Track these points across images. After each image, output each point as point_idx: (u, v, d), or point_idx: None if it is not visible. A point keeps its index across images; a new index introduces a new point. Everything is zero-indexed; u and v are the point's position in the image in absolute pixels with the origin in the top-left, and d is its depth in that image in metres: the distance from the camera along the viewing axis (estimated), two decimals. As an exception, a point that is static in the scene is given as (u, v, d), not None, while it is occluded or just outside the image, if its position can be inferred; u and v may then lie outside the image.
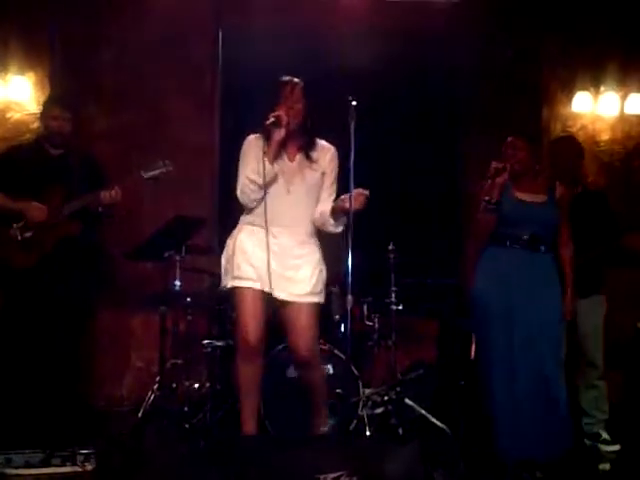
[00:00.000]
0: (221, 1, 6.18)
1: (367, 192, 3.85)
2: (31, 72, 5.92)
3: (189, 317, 5.22)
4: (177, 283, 5.11)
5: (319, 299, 4.10)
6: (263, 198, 4.02)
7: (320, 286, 4.09)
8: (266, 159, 3.97)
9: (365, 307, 5.23)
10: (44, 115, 4.87)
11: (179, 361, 5.19)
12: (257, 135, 4.16)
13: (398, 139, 6.12)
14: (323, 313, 4.32)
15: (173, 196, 5.70)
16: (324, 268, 4.14)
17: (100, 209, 4.70)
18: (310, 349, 4.06)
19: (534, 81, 6.16)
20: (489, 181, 4.27)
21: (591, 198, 4.86)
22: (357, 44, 5.87)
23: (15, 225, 4.64)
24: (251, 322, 4.02)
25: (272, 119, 3.94)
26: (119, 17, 5.99)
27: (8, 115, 5.91)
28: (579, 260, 4.53)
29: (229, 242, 4.18)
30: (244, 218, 4.17)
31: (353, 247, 3.94)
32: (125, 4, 5.99)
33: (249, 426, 4.15)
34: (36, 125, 5.07)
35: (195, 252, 5.33)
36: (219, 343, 5.12)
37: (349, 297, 3.74)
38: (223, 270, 4.16)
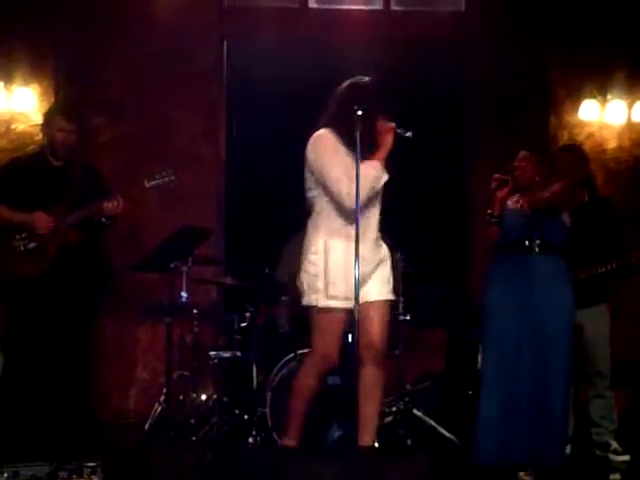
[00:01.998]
0: (226, 13, 6.21)
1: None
2: (35, 83, 5.93)
3: (195, 328, 5.19)
4: (183, 294, 5.08)
5: (393, 295, 4.09)
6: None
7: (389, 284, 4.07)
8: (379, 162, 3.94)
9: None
10: (48, 126, 4.81)
11: (186, 373, 5.18)
12: (329, 132, 3.96)
13: (404, 149, 6.09)
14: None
15: (179, 207, 5.70)
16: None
17: (103, 219, 4.68)
18: (384, 346, 4.03)
19: (541, 89, 6.15)
20: (490, 193, 4.28)
21: (598, 206, 4.83)
22: (362, 53, 5.88)
23: (18, 236, 4.61)
24: (337, 342, 3.95)
25: (392, 130, 4.01)
26: (124, 28, 6.00)
27: (13, 126, 5.93)
28: (587, 273, 4.51)
29: (314, 257, 3.93)
30: (324, 229, 3.94)
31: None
32: (130, 15, 6.00)
33: (295, 437, 4.06)
34: (40, 136, 5.04)
35: (201, 263, 5.31)
36: (226, 354, 5.11)
37: (357, 307, 3.69)
38: (307, 285, 3.94)
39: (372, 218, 4.02)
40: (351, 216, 3.80)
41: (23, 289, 4.62)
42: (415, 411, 5.04)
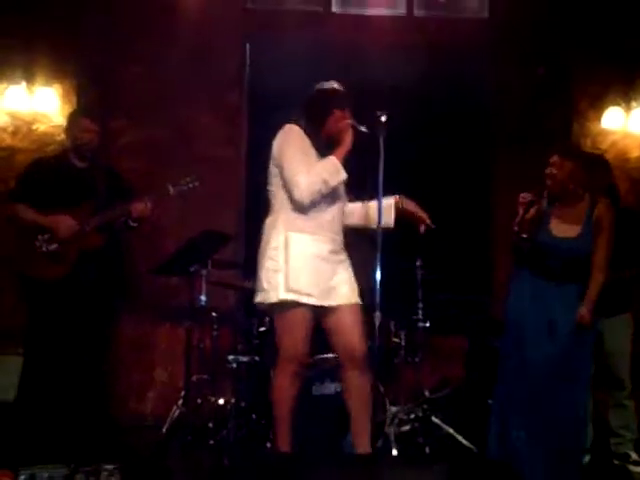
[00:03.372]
0: (249, 16, 6.21)
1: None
2: (57, 84, 5.96)
3: (215, 332, 5.19)
4: (203, 298, 5.09)
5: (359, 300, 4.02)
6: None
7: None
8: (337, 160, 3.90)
9: (392, 324, 5.18)
10: (73, 127, 4.83)
11: (204, 376, 5.18)
12: (296, 127, 4.01)
13: (428, 154, 6.09)
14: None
15: (200, 211, 5.69)
16: None
17: (129, 222, 4.68)
18: (364, 348, 3.93)
19: (565, 97, 6.12)
20: (519, 216, 4.23)
21: (623, 216, 4.78)
22: (386, 59, 5.88)
23: (40, 237, 4.63)
24: (303, 340, 3.89)
25: (348, 127, 3.92)
26: (147, 30, 6.02)
27: (34, 127, 5.95)
28: (610, 280, 4.48)
29: (273, 252, 3.88)
30: (287, 225, 3.92)
31: (380, 263, 3.88)
32: (153, 18, 6.01)
33: (286, 444, 4.01)
34: (62, 137, 5.06)
35: (221, 267, 5.31)
36: (244, 359, 5.10)
37: (377, 313, 3.67)
38: (266, 282, 3.87)
39: (330, 215, 3.97)
40: (314, 211, 3.87)
41: (44, 291, 4.63)
42: (434, 419, 5.02)
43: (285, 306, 3.84)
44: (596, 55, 6.07)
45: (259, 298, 3.93)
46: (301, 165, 3.86)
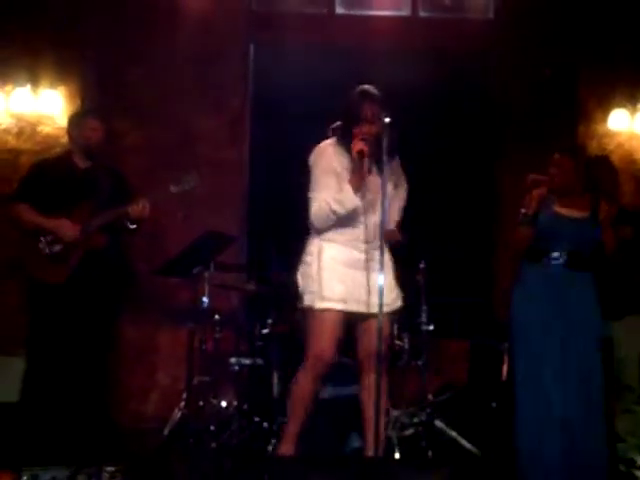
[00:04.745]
0: (252, 18, 6.21)
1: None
2: (62, 86, 5.96)
3: (217, 334, 5.17)
4: (205, 300, 5.08)
5: (400, 303, 4.14)
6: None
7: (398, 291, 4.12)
8: (351, 187, 3.88)
9: (395, 327, 5.15)
10: (79, 127, 4.83)
11: (206, 379, 5.17)
12: (330, 143, 4.02)
13: (432, 156, 6.07)
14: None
15: (203, 213, 5.70)
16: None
17: (128, 223, 4.67)
18: (385, 352, 3.93)
19: (570, 98, 6.09)
20: (526, 190, 4.22)
21: (628, 219, 4.77)
22: (390, 61, 5.87)
23: (43, 239, 4.63)
24: (332, 343, 3.97)
25: (357, 155, 3.85)
26: (151, 32, 6.02)
27: (39, 128, 5.95)
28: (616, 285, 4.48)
29: (309, 259, 4.02)
30: (325, 235, 4.01)
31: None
32: (157, 20, 6.01)
33: (292, 445, 4.07)
34: (66, 139, 5.06)
35: (224, 269, 5.31)
36: (247, 361, 5.10)
37: (380, 317, 3.67)
38: (304, 288, 4.01)
39: (358, 229, 3.98)
40: (341, 225, 3.93)
41: (47, 292, 4.63)
42: (437, 422, 5.00)
43: (318, 311, 3.95)
44: (602, 56, 6.04)
45: (300, 303, 4.08)
46: (318, 190, 3.94)
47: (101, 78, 6.00)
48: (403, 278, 4.94)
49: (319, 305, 3.93)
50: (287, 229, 5.63)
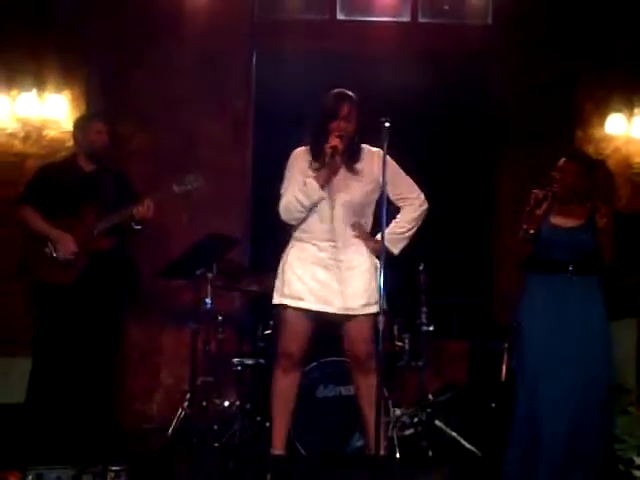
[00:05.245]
0: (255, 24, 6.26)
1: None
2: (67, 90, 6.00)
3: (220, 335, 5.22)
4: (208, 301, 5.12)
5: (375, 309, 3.96)
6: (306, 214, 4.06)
7: (375, 296, 3.96)
8: (314, 180, 3.99)
9: (395, 328, 5.21)
10: (84, 130, 4.87)
11: (209, 379, 5.20)
12: (305, 148, 4.16)
13: (431, 160, 6.12)
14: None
15: (206, 217, 5.75)
16: (375, 276, 4.00)
17: (133, 225, 4.72)
18: (370, 357, 4.00)
19: (568, 102, 6.14)
20: (529, 210, 4.25)
21: (624, 222, 4.80)
22: (390, 66, 5.91)
23: (50, 242, 4.67)
24: (294, 339, 4.07)
25: (330, 150, 3.95)
26: (155, 38, 6.05)
27: (44, 132, 5.99)
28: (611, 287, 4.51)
29: (281, 260, 4.17)
30: (294, 234, 4.16)
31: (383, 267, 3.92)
32: (161, 26, 6.05)
33: (279, 444, 4.13)
34: (72, 143, 5.11)
35: (227, 271, 5.35)
36: (249, 362, 5.15)
37: (380, 317, 3.71)
38: (275, 286, 4.15)
39: (344, 224, 4.05)
40: (312, 222, 4.04)
41: (54, 294, 4.67)
42: (437, 422, 5.03)
43: (282, 307, 4.09)
44: (599, 61, 6.09)
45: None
46: (288, 187, 4.09)
47: (106, 82, 6.04)
48: (403, 280, 5.03)
49: (279, 301, 4.08)
50: (288, 232, 5.70)
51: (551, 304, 4.25)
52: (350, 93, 4.08)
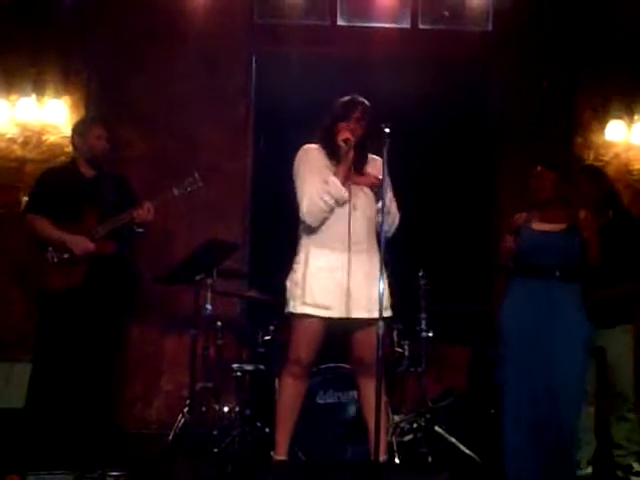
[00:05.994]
0: (256, 29, 6.26)
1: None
2: (67, 96, 6.02)
3: (219, 341, 5.20)
4: (208, 307, 5.11)
5: (389, 313, 4.04)
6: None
7: (387, 301, 4.01)
8: (337, 178, 3.98)
9: (395, 333, 5.21)
10: (84, 135, 4.86)
11: (209, 385, 5.19)
12: (316, 146, 4.14)
13: (430, 167, 6.13)
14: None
15: (206, 221, 5.78)
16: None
17: (135, 227, 4.72)
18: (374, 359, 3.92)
19: (567, 109, 6.15)
20: (509, 235, 4.39)
21: (623, 224, 4.80)
22: (390, 72, 5.92)
23: (51, 248, 4.67)
24: (310, 348, 4.05)
25: (343, 143, 3.96)
26: (154, 43, 6.06)
27: (44, 137, 6.00)
28: (608, 293, 4.52)
29: (296, 266, 4.09)
30: (308, 240, 4.08)
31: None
32: (161, 31, 6.06)
33: (282, 450, 4.12)
34: (71, 148, 5.11)
35: (227, 276, 5.35)
36: (249, 367, 5.14)
37: (380, 323, 3.72)
38: (289, 293, 4.08)
39: (367, 226, 4.06)
40: (330, 225, 3.99)
41: (54, 300, 4.66)
42: (436, 428, 5.03)
43: (301, 316, 4.02)
44: (599, 68, 6.11)
45: (286, 309, 4.13)
46: (306, 186, 4.01)
47: (105, 88, 6.06)
48: (403, 286, 5.03)
49: (300, 310, 4.00)
50: (288, 237, 5.72)
51: (529, 310, 4.31)
52: (364, 100, 4.11)
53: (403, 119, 5.02)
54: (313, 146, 4.15)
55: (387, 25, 6.28)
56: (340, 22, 6.29)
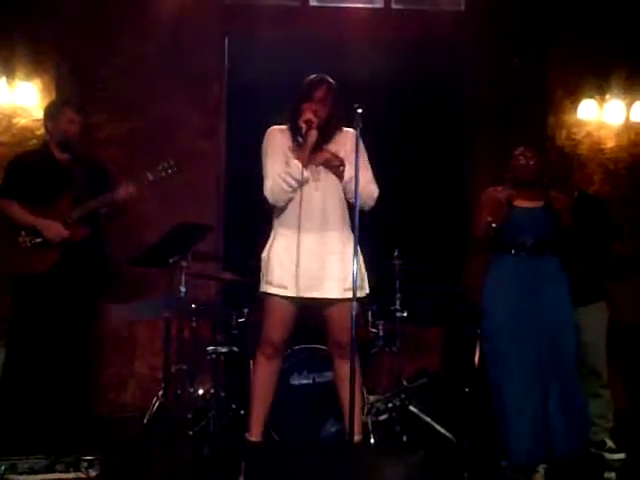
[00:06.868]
0: (227, 10, 6.23)
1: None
2: (37, 78, 5.94)
3: (194, 324, 5.19)
4: (182, 289, 5.09)
5: (359, 294, 3.90)
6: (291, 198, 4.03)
7: (358, 280, 3.88)
8: (298, 161, 3.97)
9: (370, 314, 5.22)
10: (55, 118, 4.79)
11: (183, 367, 5.17)
12: (281, 128, 4.15)
13: (404, 147, 6.13)
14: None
15: (179, 203, 5.74)
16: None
17: (113, 212, 4.72)
18: (348, 339, 3.92)
19: (539, 88, 6.17)
20: (498, 204, 4.38)
21: (588, 203, 4.85)
22: (363, 53, 5.91)
23: (24, 232, 4.62)
24: (278, 327, 4.08)
25: (304, 124, 3.97)
26: (125, 25, 6.01)
27: (14, 121, 5.93)
28: (574, 271, 4.56)
29: (266, 247, 4.13)
30: (276, 221, 4.14)
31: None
32: (132, 12, 6.00)
33: (256, 431, 4.12)
34: (42, 131, 5.05)
35: (201, 259, 5.33)
36: (223, 350, 5.14)
37: (354, 303, 3.71)
38: (261, 274, 4.14)
39: (331, 206, 4.06)
40: (296, 205, 4.00)
41: (28, 284, 4.62)
42: (411, 408, 5.05)
43: (266, 295, 4.07)
44: (571, 47, 6.13)
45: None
46: (269, 167, 4.06)
47: (76, 70, 5.99)
48: (378, 266, 5.03)
49: (264, 289, 4.07)
50: (263, 219, 5.71)
51: (516, 285, 4.37)
52: (329, 78, 4.10)
53: (375, 99, 5.01)
54: (278, 127, 4.16)
55: (360, 5, 6.28)
56: (312, 2, 6.28)
